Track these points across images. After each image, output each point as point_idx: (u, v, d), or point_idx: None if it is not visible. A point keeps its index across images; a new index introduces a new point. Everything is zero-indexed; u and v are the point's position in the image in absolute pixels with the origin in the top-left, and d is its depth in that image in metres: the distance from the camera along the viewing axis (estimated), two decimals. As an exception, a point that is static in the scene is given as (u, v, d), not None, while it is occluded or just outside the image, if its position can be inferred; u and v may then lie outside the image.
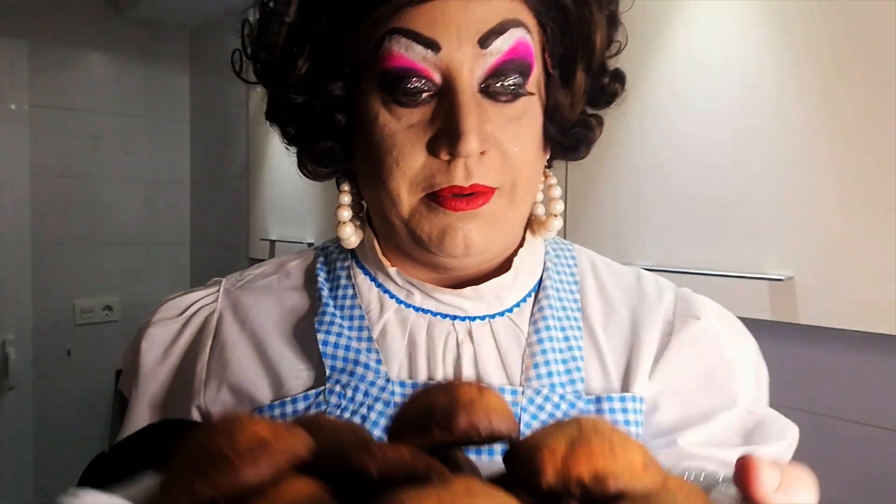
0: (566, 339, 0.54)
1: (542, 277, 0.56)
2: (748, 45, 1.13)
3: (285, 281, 0.59)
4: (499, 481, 0.25)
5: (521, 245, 0.55)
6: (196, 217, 3.14)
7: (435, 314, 0.54)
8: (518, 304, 0.55)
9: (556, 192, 0.55)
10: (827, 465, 1.45)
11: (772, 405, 0.56)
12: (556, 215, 0.55)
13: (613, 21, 0.53)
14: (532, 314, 0.54)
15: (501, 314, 0.54)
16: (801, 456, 1.50)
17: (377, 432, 0.48)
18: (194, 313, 0.58)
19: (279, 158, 2.37)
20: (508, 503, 0.23)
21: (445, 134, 0.46)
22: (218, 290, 0.59)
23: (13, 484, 2.67)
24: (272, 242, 2.40)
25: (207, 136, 3.05)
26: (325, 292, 0.55)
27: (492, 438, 0.28)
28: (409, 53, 0.46)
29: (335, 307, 0.54)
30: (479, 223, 0.48)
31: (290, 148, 0.55)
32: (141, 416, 0.57)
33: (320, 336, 0.52)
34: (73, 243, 2.81)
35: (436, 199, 0.48)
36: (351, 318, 0.54)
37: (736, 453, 0.35)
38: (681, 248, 1.22)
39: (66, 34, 2.77)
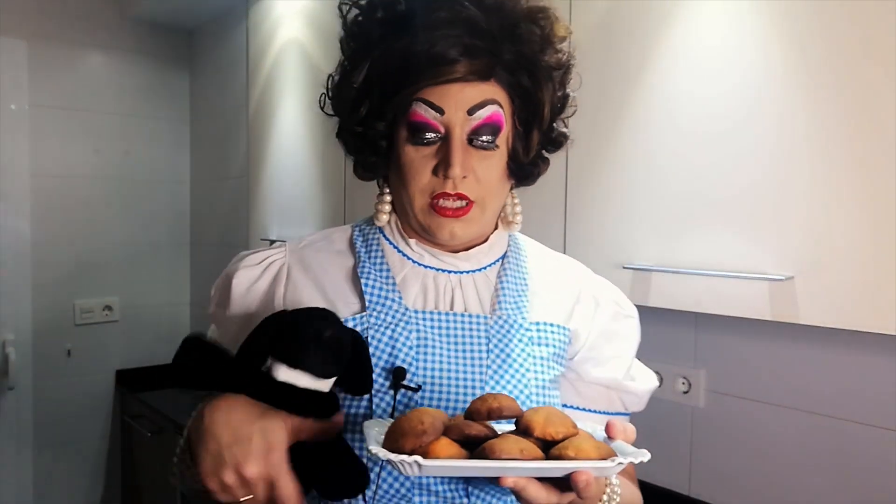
0: (517, 288, 0.83)
1: (506, 251, 0.86)
2: (748, 44, 1.13)
3: (332, 246, 0.87)
4: (513, 433, 0.61)
5: (494, 231, 0.85)
6: (196, 217, 3.14)
7: (437, 269, 0.82)
8: (491, 265, 0.84)
9: (518, 207, 0.85)
10: (827, 465, 1.45)
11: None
12: (516, 222, 0.86)
13: (563, 99, 0.81)
14: (498, 272, 0.84)
15: (480, 270, 0.83)
16: (801, 455, 1.49)
17: (403, 339, 0.76)
18: (270, 263, 0.85)
19: (279, 158, 2.37)
20: (526, 442, 0.58)
21: (443, 163, 0.74)
22: (285, 249, 0.86)
23: (13, 484, 2.67)
24: (272, 242, 2.40)
25: (207, 136, 3.05)
26: (363, 255, 0.83)
27: (513, 417, 0.63)
28: (426, 113, 0.74)
29: (370, 264, 0.82)
30: (461, 224, 0.77)
31: (349, 156, 0.84)
32: (231, 332, 0.83)
33: (362, 280, 0.80)
34: (73, 243, 2.81)
35: (434, 207, 0.76)
36: (380, 270, 0.81)
37: (633, 384, 0.88)
38: (680, 248, 1.22)
39: (66, 34, 2.77)
